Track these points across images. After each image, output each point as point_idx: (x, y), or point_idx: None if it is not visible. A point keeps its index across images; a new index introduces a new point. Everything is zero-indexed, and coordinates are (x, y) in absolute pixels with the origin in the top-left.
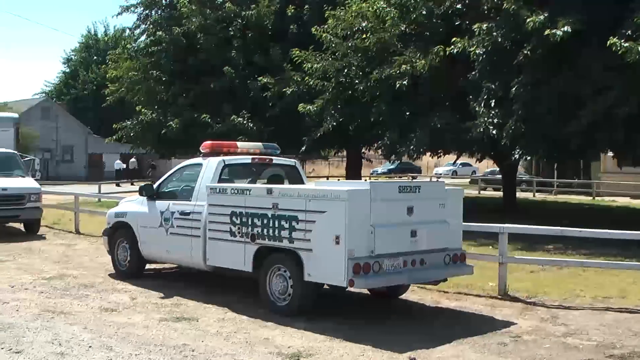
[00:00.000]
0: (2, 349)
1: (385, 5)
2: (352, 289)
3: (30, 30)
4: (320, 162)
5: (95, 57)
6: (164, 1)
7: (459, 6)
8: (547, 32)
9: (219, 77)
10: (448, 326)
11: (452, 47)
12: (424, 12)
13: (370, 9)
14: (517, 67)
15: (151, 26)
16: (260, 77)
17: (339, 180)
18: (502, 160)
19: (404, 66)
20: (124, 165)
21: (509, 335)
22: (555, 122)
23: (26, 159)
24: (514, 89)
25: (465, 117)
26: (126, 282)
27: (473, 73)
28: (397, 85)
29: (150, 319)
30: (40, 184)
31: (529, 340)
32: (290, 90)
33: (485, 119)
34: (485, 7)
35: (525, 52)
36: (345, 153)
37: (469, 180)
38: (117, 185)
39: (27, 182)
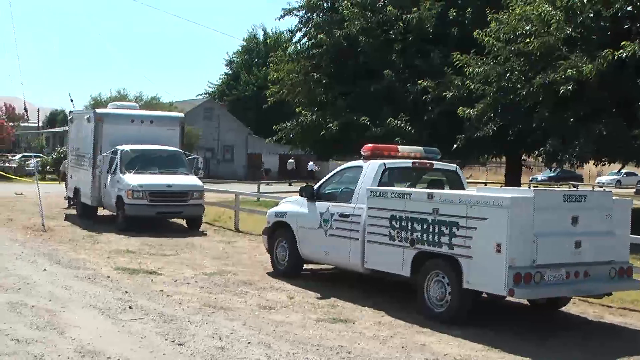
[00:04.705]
0: (166, 340)
1: (550, 8)
2: (511, 299)
3: (196, 34)
4: (478, 168)
5: (256, 60)
6: (325, 5)
7: (629, 8)
8: None
9: (378, 80)
10: (611, 343)
11: (621, 51)
12: (591, 15)
13: (534, 12)
14: None
15: (312, 29)
16: (420, 81)
17: (501, 186)
18: None
19: (569, 71)
20: (317, 168)
21: None
22: None
23: (190, 157)
24: None
25: (633, 124)
26: (284, 281)
27: None
28: (561, 91)
29: (307, 318)
30: (202, 182)
31: None
32: (451, 94)
33: None
34: None
35: None
36: (504, 159)
37: (634, 190)
38: (290, 184)
39: (190, 180)
